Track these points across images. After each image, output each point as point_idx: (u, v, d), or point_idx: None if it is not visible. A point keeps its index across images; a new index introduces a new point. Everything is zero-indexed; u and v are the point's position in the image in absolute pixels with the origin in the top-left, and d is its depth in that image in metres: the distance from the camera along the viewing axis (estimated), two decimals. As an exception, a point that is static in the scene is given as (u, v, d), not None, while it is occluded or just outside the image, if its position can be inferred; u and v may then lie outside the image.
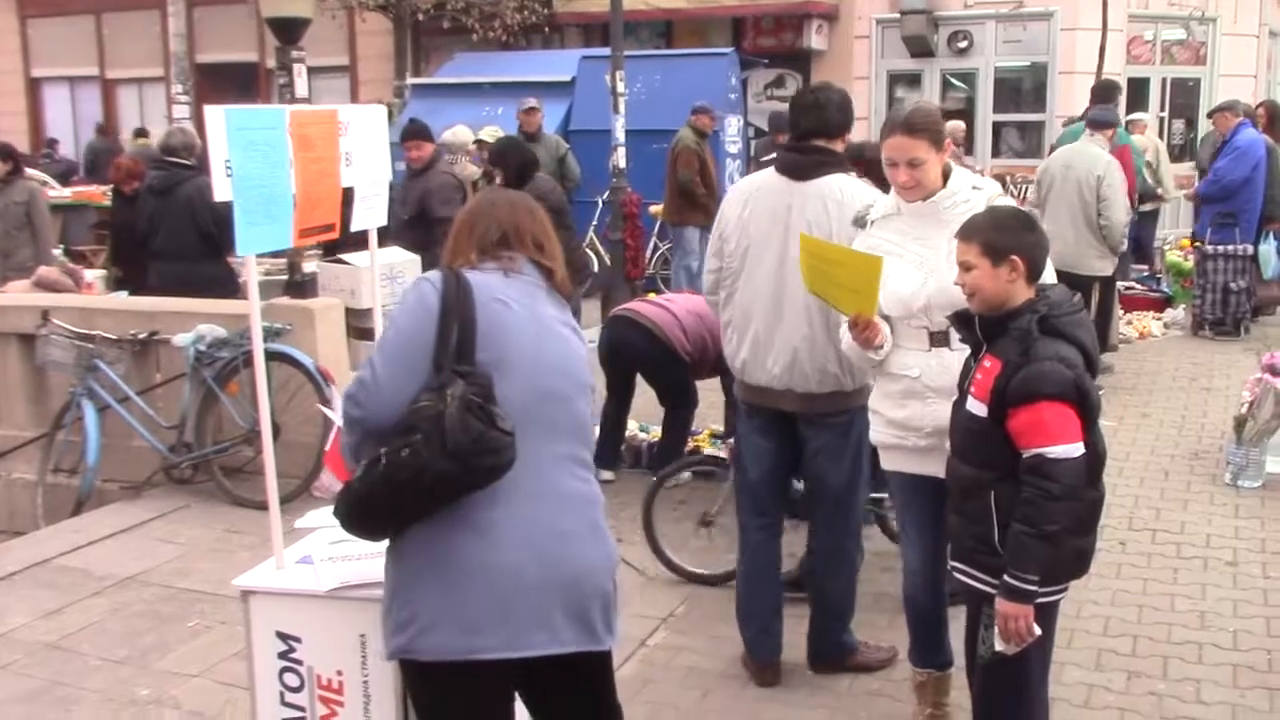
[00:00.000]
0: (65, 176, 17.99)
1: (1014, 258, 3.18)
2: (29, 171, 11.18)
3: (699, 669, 4.72)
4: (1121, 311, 10.56)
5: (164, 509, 6.53)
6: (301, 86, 7.45)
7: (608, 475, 7.15)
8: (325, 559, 3.22)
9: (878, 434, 3.93)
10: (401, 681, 3.02)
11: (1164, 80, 17.36)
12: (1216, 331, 10.58)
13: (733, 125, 13.99)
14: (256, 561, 5.61)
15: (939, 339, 3.70)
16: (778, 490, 4.68)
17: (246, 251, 3.13)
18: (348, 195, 3.55)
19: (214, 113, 2.94)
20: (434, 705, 2.77)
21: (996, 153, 17.33)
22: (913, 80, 17.55)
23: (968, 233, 3.28)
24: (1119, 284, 10.59)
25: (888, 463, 3.96)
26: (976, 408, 3.22)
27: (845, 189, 4.22)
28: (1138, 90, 16.58)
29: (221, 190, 2.99)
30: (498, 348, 2.65)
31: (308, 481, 6.45)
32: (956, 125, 11.91)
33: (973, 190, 3.76)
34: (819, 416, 4.32)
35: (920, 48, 17.27)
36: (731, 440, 5.45)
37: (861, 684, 4.52)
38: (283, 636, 3.12)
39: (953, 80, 17.68)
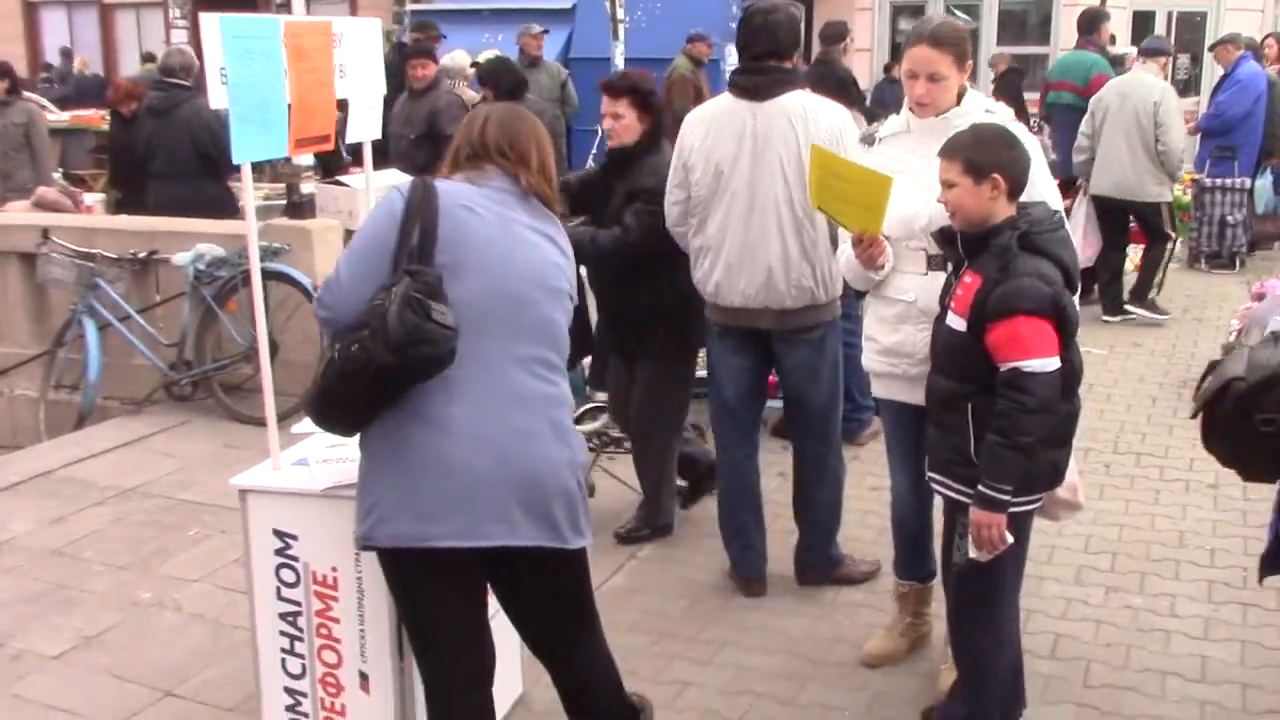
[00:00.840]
0: (64, 101, 17.88)
1: (995, 175, 3.22)
2: (27, 95, 11.16)
3: (688, 580, 4.84)
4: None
5: (164, 424, 6.63)
6: (299, 8, 7.42)
7: (602, 396, 7.23)
8: (320, 460, 3.31)
9: (870, 361, 3.95)
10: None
11: (1170, 14, 17.22)
12: (1212, 265, 10.62)
13: (733, 54, 13.88)
14: (256, 473, 5.77)
15: (936, 262, 3.66)
16: (754, 408, 4.77)
17: (242, 159, 3.18)
18: (342, 108, 3.60)
19: (209, 21, 2.98)
20: (403, 592, 2.90)
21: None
22: (916, 11, 17.39)
23: (950, 150, 3.31)
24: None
25: (879, 390, 3.99)
26: (956, 322, 3.27)
27: (808, 105, 4.26)
28: (1143, 24, 16.45)
29: (217, 98, 3.03)
30: (457, 251, 2.73)
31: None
32: (1002, 54, 11.84)
33: (985, 113, 3.70)
34: (793, 333, 4.39)
35: (924, -23, 17.14)
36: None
37: (845, 595, 4.63)
38: (279, 534, 3.21)
39: (956, 11, 17.52)
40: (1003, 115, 3.79)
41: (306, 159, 9.61)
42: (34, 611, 4.50)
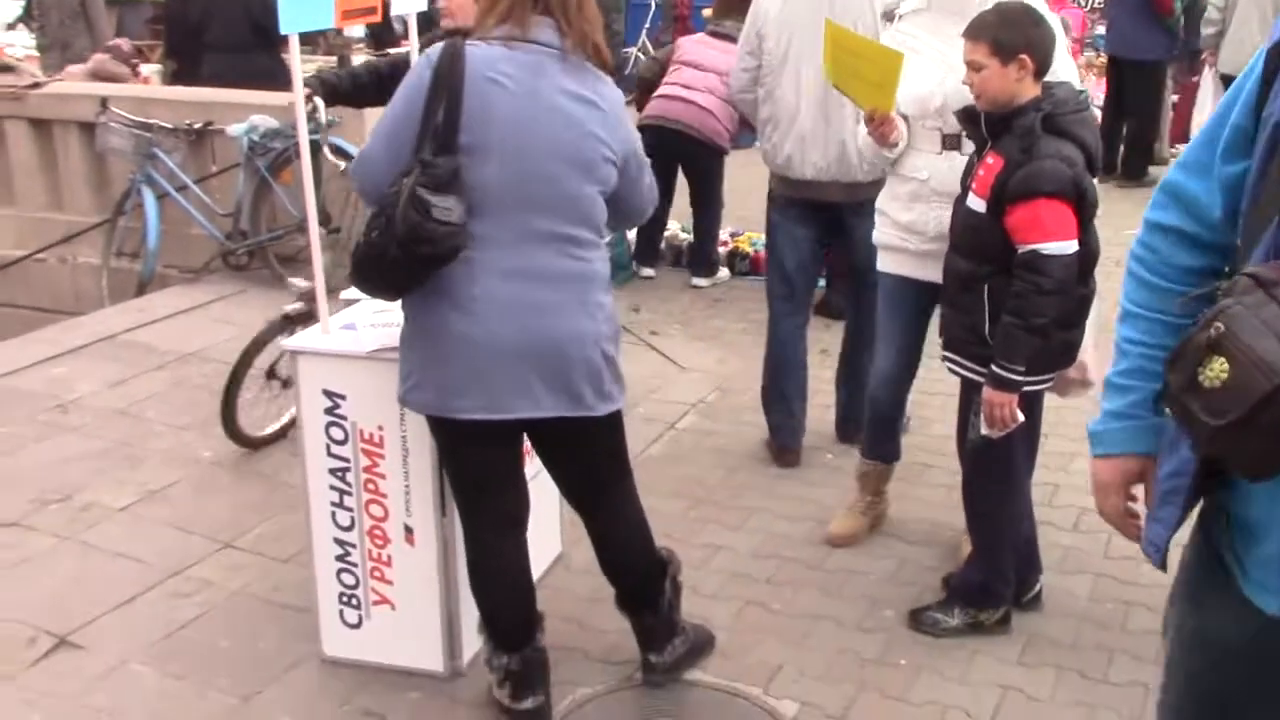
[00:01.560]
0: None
1: (1023, 55, 3.21)
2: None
3: (725, 450, 4.99)
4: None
5: (222, 293, 6.83)
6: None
7: (648, 272, 7.34)
8: (368, 325, 3.45)
9: (881, 234, 4.01)
10: (436, 437, 3.30)
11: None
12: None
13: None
14: (309, 340, 5.94)
15: (951, 141, 3.72)
16: (811, 281, 4.85)
17: (289, 29, 3.26)
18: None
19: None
20: (441, 447, 3.13)
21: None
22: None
23: (976, 31, 3.29)
24: (1173, 97, 10.41)
25: (886, 264, 4.03)
26: (976, 204, 3.30)
27: None
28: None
29: (262, -34, 3.09)
30: (480, 131, 2.77)
31: (358, 270, 6.67)
32: None
33: None
34: (862, 205, 4.40)
35: None
36: None
37: (876, 467, 4.76)
38: (328, 394, 3.36)
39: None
40: None
41: (357, 31, 9.63)
42: (100, 467, 4.73)
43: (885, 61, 3.59)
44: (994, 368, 3.28)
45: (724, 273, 7.30)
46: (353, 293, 3.72)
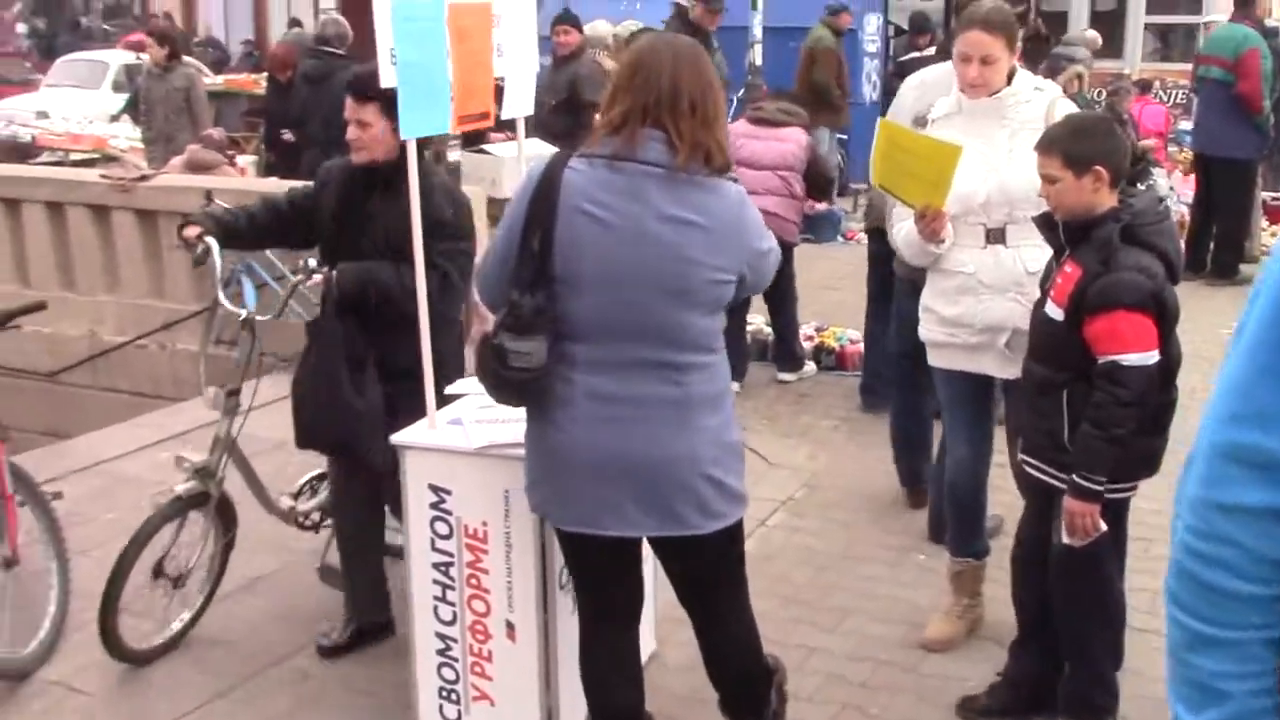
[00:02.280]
0: (218, 66, 18.60)
1: (1098, 167, 3.21)
2: (186, 59, 11.65)
3: (814, 548, 4.97)
4: (1266, 223, 10.31)
5: (316, 381, 6.94)
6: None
7: (788, 377, 7.17)
8: (474, 421, 3.51)
9: (928, 332, 4.03)
10: (540, 533, 3.33)
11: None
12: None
13: (872, 24, 13.82)
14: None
15: (995, 236, 3.80)
16: None
17: (409, 134, 3.37)
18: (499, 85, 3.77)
19: (381, 3, 3.17)
20: (559, 543, 3.19)
21: (1145, 57, 16.77)
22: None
23: (1047, 145, 3.31)
24: (1265, 194, 10.34)
25: (937, 360, 4.05)
26: (1054, 312, 3.30)
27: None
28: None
29: (386, 77, 3.22)
30: (573, 262, 2.81)
31: (449, 360, 6.78)
32: (1094, 36, 11.59)
33: (1034, 91, 3.86)
34: None
35: (1074, -55, 16.71)
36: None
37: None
38: (434, 489, 3.42)
39: (1105, -18, 17.10)
40: (1051, 92, 3.89)
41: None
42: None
43: (942, 156, 3.62)
44: (1075, 478, 3.24)
45: (810, 367, 7.29)
46: (458, 387, 3.81)
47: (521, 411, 3.12)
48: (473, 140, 9.10)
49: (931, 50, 11.09)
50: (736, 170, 6.97)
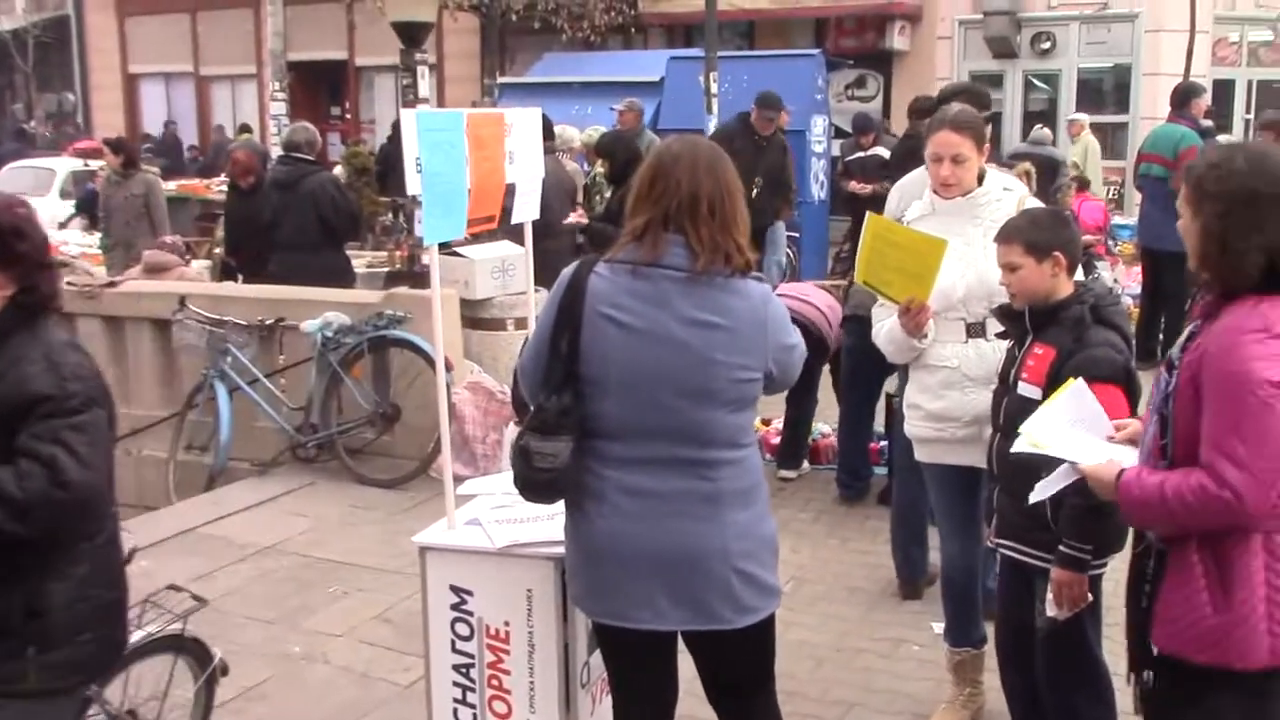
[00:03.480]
0: (165, 171, 18.61)
1: (1056, 254, 3.42)
2: (144, 166, 11.67)
3: (810, 642, 4.98)
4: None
5: (292, 485, 6.91)
6: (425, 88, 7.79)
7: (789, 474, 7.18)
8: (493, 521, 3.52)
9: (914, 428, 4.13)
10: (562, 632, 3.34)
11: (1250, 82, 17.30)
12: None
13: (818, 125, 14.19)
14: (386, 534, 6.03)
15: (975, 330, 3.96)
16: None
17: (431, 240, 3.44)
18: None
19: (408, 116, 3.26)
20: (596, 639, 3.25)
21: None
22: (995, 81, 17.61)
23: (1009, 235, 3.50)
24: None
25: (924, 455, 4.14)
26: (1030, 391, 3.43)
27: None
28: (1223, 92, 16.54)
29: (412, 185, 3.29)
30: (598, 365, 2.88)
31: (426, 463, 6.78)
32: (1047, 133, 12.04)
33: (1004, 191, 4.05)
34: None
35: (1003, 49, 17.35)
36: None
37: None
38: (455, 590, 3.42)
39: (1035, 81, 17.75)
40: (1019, 191, 4.09)
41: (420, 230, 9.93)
42: (193, 662, 4.73)
43: (929, 249, 3.75)
44: (1063, 549, 3.32)
45: (806, 465, 7.20)
46: (470, 487, 3.84)
47: (541, 509, 3.19)
48: (447, 243, 9.20)
49: (877, 149, 11.52)
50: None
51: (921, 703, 4.40)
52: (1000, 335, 3.78)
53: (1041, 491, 2.99)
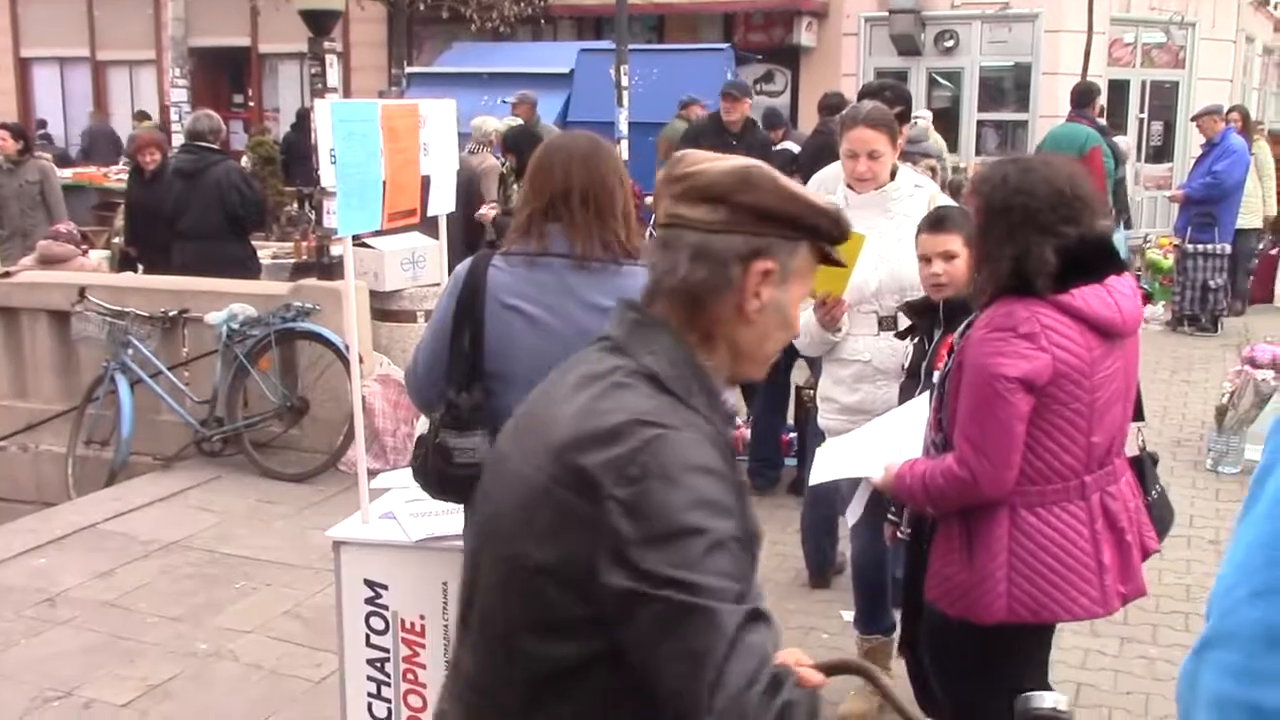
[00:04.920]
0: (58, 160, 18.10)
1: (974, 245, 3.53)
2: (38, 153, 11.36)
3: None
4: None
5: (197, 480, 6.79)
6: (333, 77, 7.69)
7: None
8: (408, 515, 3.51)
9: (829, 421, 4.21)
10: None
11: (1144, 83, 17.76)
12: (1195, 328, 10.98)
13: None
14: (294, 529, 5.96)
15: (887, 323, 4.07)
16: None
17: (346, 232, 3.41)
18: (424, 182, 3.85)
19: (321, 106, 3.23)
20: None
21: (979, 151, 17.71)
22: (899, 77, 17.86)
23: (948, 225, 3.57)
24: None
25: None
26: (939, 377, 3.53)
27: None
28: (1118, 92, 16.99)
29: (326, 177, 3.27)
30: (504, 360, 2.87)
31: (334, 457, 6.71)
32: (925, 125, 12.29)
33: (915, 187, 4.16)
34: None
35: (907, 46, 17.60)
36: None
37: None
38: (370, 584, 3.40)
39: (938, 79, 18.04)
40: (929, 188, 4.22)
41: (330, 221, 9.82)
42: (97, 661, 4.64)
43: (846, 244, 3.79)
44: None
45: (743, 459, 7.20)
46: (382, 481, 3.81)
47: (453, 505, 3.17)
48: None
49: (787, 144, 11.63)
50: None
51: (831, 689, 4.44)
52: (900, 335, 3.86)
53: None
